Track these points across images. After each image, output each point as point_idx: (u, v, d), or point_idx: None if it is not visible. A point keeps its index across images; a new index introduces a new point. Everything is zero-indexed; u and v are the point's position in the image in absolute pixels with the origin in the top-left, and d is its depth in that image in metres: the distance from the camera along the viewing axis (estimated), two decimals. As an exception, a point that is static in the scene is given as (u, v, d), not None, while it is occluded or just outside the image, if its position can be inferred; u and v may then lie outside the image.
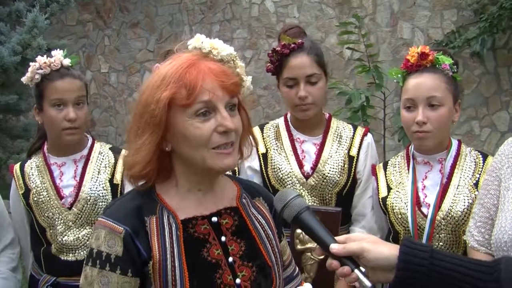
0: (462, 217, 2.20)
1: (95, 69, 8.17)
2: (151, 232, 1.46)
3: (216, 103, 1.44)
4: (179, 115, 1.44)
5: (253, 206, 1.64)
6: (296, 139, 2.56)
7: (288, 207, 1.44)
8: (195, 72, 1.43)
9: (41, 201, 2.48)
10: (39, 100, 2.46)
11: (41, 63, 2.43)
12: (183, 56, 1.49)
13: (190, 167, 1.50)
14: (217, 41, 1.56)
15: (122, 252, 1.43)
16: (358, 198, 2.53)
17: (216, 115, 1.44)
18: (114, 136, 8.12)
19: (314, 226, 1.42)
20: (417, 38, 6.04)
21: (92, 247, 1.46)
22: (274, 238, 1.63)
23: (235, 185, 1.66)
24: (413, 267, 1.32)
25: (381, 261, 1.34)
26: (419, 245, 1.36)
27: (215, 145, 1.44)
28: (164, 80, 1.44)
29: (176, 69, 1.44)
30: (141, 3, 7.81)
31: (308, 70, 2.43)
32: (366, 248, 1.35)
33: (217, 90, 1.44)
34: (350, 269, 1.35)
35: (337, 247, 1.37)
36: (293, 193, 1.47)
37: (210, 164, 1.45)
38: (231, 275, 1.49)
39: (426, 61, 2.25)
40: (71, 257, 2.46)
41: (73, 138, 2.47)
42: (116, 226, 1.44)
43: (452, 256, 1.37)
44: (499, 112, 5.74)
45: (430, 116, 2.20)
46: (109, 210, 1.51)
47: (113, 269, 1.43)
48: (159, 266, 1.44)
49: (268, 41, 6.91)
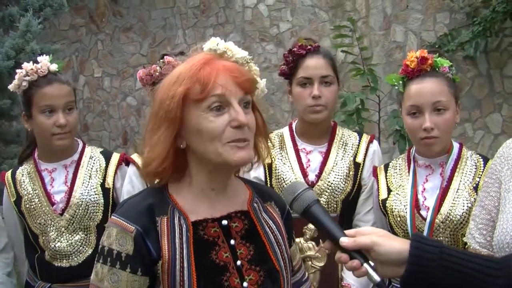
0: (461, 220, 2.20)
1: (88, 73, 8.15)
2: (161, 232, 1.47)
3: (230, 98, 1.45)
4: (193, 110, 1.46)
5: (264, 210, 1.63)
6: (301, 149, 2.56)
7: (298, 199, 1.44)
8: (209, 68, 1.46)
9: (32, 208, 2.46)
10: (28, 107, 2.44)
11: (28, 69, 2.40)
12: (198, 56, 1.52)
13: (205, 164, 1.50)
14: (231, 44, 1.59)
15: (132, 251, 1.45)
16: (361, 205, 2.53)
17: (230, 110, 1.46)
18: (108, 141, 8.09)
19: (324, 219, 1.42)
20: (410, 41, 6.06)
21: (103, 244, 1.49)
22: (284, 243, 1.63)
23: (247, 188, 1.66)
24: (424, 262, 1.32)
25: (392, 255, 1.34)
26: (430, 240, 1.37)
27: (229, 139, 1.45)
28: (179, 78, 1.47)
29: (190, 67, 1.47)
30: (134, 8, 7.80)
31: (323, 71, 2.46)
32: (377, 242, 1.35)
33: (231, 85, 1.46)
34: (360, 262, 1.35)
35: (347, 241, 1.36)
36: (303, 186, 1.46)
37: (225, 158, 1.46)
38: (238, 278, 1.49)
39: (426, 65, 2.24)
40: (64, 263, 2.46)
41: (63, 143, 2.45)
42: (128, 225, 1.46)
43: (462, 252, 1.38)
44: (492, 114, 5.76)
45: (437, 121, 2.20)
46: (121, 209, 1.53)
47: (123, 267, 1.45)
48: (168, 267, 1.45)
49: (262, 44, 6.91)
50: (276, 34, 6.82)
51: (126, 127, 7.96)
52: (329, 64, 2.48)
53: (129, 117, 7.93)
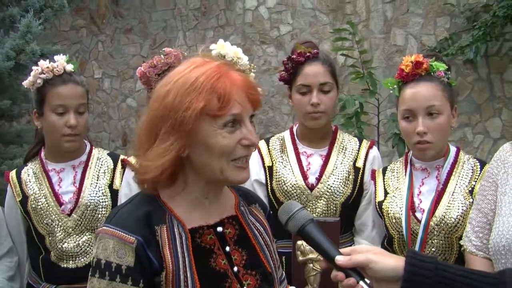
0: (455, 223, 2.21)
1: (89, 74, 8.14)
2: (162, 242, 1.43)
3: (243, 116, 1.45)
4: (206, 124, 1.42)
5: (250, 214, 1.63)
6: (302, 153, 2.58)
7: (293, 219, 1.45)
8: (228, 83, 1.42)
9: (39, 208, 2.45)
10: (40, 105, 2.43)
11: (44, 67, 2.40)
12: (211, 65, 1.46)
13: (203, 175, 1.48)
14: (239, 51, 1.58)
15: (133, 263, 1.39)
16: (363, 209, 2.56)
17: (241, 128, 1.45)
18: (107, 142, 8.08)
19: (319, 238, 1.43)
20: (411, 45, 6.06)
21: (99, 257, 1.42)
22: (272, 245, 1.64)
23: (232, 192, 1.65)
24: (419, 278, 1.33)
25: (387, 272, 1.35)
26: (425, 256, 1.38)
27: (235, 157, 1.45)
28: (194, 87, 1.40)
29: (206, 78, 1.41)
30: (134, 9, 7.81)
31: (322, 78, 2.48)
32: (373, 259, 1.36)
33: (245, 103, 1.45)
34: (356, 280, 1.36)
35: (343, 259, 1.37)
36: (297, 206, 1.47)
37: (227, 176, 1.45)
38: (238, 284, 1.49)
39: (420, 69, 2.25)
40: (71, 264, 2.44)
41: (72, 145, 2.45)
42: (127, 236, 1.40)
43: (457, 268, 1.39)
44: (492, 119, 5.76)
45: (430, 125, 2.21)
46: (115, 219, 1.46)
47: (124, 281, 1.39)
48: (172, 277, 1.41)
49: (262, 47, 6.91)
50: (276, 36, 6.82)
51: (126, 129, 7.95)
52: (328, 71, 2.50)
53: (129, 119, 7.92)
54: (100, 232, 1.45)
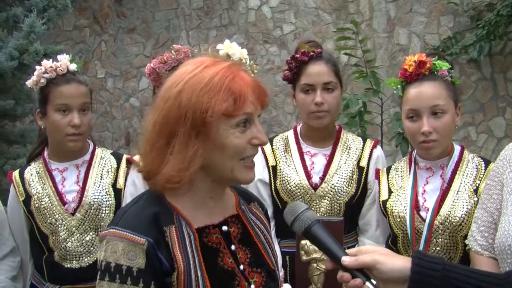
0: (460, 222, 2.21)
1: (92, 74, 8.15)
2: (172, 242, 1.42)
3: (254, 115, 1.47)
4: (221, 123, 1.42)
5: (250, 212, 1.65)
6: (306, 152, 2.58)
7: (298, 220, 1.45)
8: (242, 83, 1.43)
9: (43, 207, 2.45)
10: (43, 105, 2.44)
11: (47, 67, 2.40)
12: (223, 65, 1.46)
13: (211, 174, 1.48)
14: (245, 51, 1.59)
15: (144, 265, 1.38)
16: (367, 209, 2.56)
17: (251, 127, 1.46)
18: (110, 141, 8.09)
19: (325, 239, 1.43)
20: (414, 44, 6.05)
21: (108, 260, 1.39)
22: (272, 242, 1.65)
23: (232, 192, 1.65)
24: (426, 279, 1.32)
25: (394, 273, 1.35)
26: (432, 257, 1.38)
27: (244, 156, 1.46)
28: (210, 87, 1.40)
29: (221, 78, 1.41)
30: (137, 9, 7.81)
31: (325, 77, 2.48)
32: (379, 260, 1.36)
33: (257, 103, 1.47)
34: (362, 281, 1.35)
35: (349, 260, 1.37)
36: (303, 206, 1.47)
37: (236, 175, 1.47)
38: (246, 282, 1.49)
39: (424, 69, 2.25)
40: (74, 264, 2.44)
41: (76, 145, 2.45)
42: (137, 238, 1.39)
43: (464, 268, 1.38)
44: (496, 118, 5.75)
45: (435, 125, 2.20)
46: (122, 221, 1.44)
47: (135, 283, 1.37)
48: (184, 277, 1.40)
49: (265, 46, 6.91)
50: (279, 36, 6.81)
51: (129, 128, 7.96)
52: (332, 70, 2.50)
53: (132, 118, 7.93)
54: (107, 234, 1.43)
